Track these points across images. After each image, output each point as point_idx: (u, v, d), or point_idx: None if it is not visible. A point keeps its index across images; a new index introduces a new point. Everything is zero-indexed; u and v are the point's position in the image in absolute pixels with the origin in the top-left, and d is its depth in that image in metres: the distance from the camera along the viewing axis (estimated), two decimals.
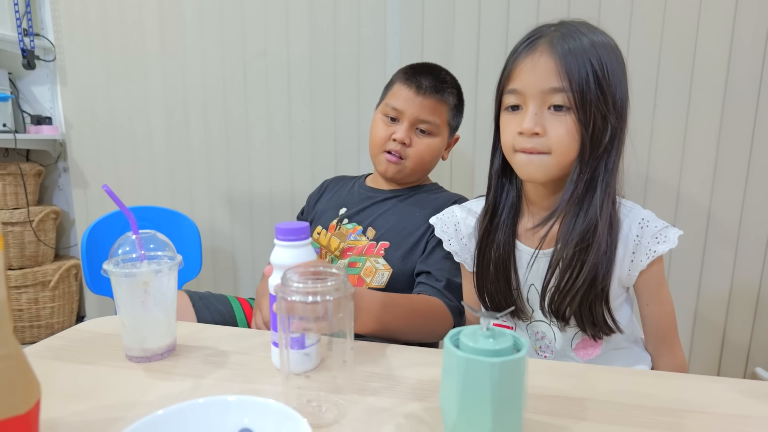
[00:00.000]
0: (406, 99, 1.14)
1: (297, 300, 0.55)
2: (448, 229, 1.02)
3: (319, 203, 1.32)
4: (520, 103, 0.81)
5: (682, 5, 1.57)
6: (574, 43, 0.77)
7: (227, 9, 1.94)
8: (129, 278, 0.70)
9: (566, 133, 0.78)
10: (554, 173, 0.82)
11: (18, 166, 2.13)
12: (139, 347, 0.72)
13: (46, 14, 2.20)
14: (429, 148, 1.16)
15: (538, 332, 0.93)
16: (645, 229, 0.85)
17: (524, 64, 0.81)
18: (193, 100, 2.03)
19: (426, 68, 1.19)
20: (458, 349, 0.53)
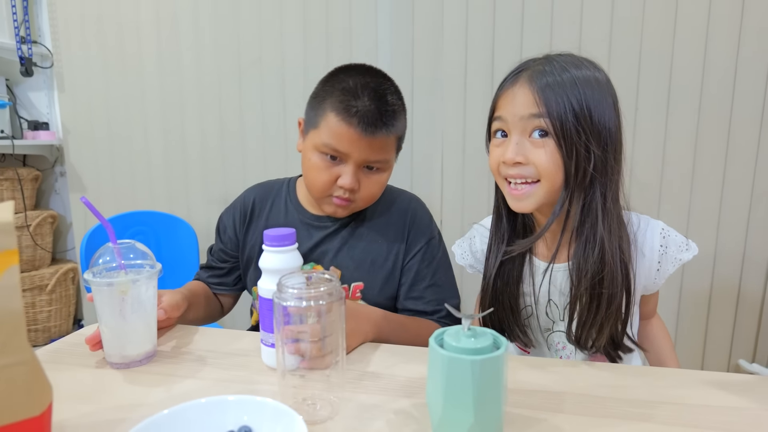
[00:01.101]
0: (349, 141, 0.91)
1: (292, 304, 0.59)
2: (464, 244, 1.05)
3: (249, 235, 1.10)
4: (506, 130, 0.84)
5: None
6: (552, 78, 0.80)
7: (222, 17, 1.97)
8: (107, 287, 0.72)
9: (549, 159, 0.80)
10: (543, 201, 0.83)
11: (15, 171, 2.16)
12: (119, 354, 0.75)
13: (44, 22, 2.23)
14: (379, 185, 0.99)
15: (558, 342, 0.96)
16: (668, 238, 0.89)
17: (506, 94, 0.84)
18: (189, 106, 2.07)
19: (368, 92, 0.92)
20: (442, 348, 0.56)
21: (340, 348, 0.63)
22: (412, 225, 1.07)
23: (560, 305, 0.93)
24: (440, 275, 1.06)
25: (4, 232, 0.45)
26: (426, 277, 1.04)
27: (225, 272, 1.14)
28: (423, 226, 1.08)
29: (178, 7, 2.01)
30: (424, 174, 1.88)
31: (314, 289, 0.59)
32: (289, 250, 0.74)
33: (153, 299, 0.77)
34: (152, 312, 0.78)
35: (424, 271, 1.05)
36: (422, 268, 1.05)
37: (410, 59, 1.82)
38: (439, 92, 1.82)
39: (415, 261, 1.05)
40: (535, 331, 0.97)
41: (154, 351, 0.79)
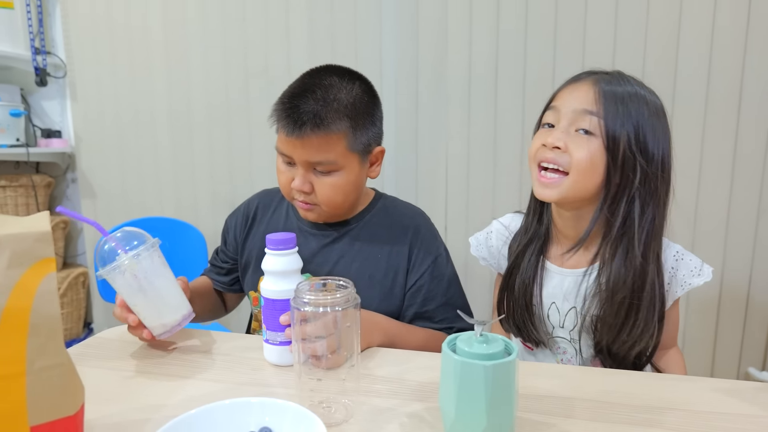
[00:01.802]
0: (288, 142, 0.91)
1: (309, 310, 0.61)
2: (480, 236, 1.08)
3: (249, 239, 1.11)
4: (554, 122, 0.86)
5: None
6: (617, 87, 0.84)
7: (230, 27, 2.01)
8: (116, 271, 0.76)
9: (587, 156, 0.82)
10: (569, 196, 0.85)
11: (30, 177, 2.19)
12: (159, 324, 0.80)
13: (57, 33, 2.27)
14: (335, 188, 0.94)
15: (559, 347, 0.98)
16: (680, 261, 0.91)
17: (567, 88, 0.88)
18: (197, 114, 2.10)
19: (302, 93, 0.92)
20: (455, 353, 0.58)
21: (355, 353, 0.65)
22: (415, 243, 1.03)
23: (562, 311, 0.95)
24: (451, 293, 1.04)
25: (42, 242, 0.47)
26: (436, 296, 1.02)
27: (224, 272, 1.15)
28: (428, 244, 1.04)
29: (187, 19, 2.05)
30: (429, 183, 1.90)
31: (331, 295, 0.62)
32: (290, 253, 0.78)
33: (162, 268, 0.80)
34: (169, 279, 0.81)
35: (435, 290, 1.02)
36: (432, 287, 1.02)
37: (415, 68, 1.85)
38: (444, 101, 1.84)
39: (423, 280, 1.02)
40: (540, 332, 0.99)
41: (190, 312, 0.83)
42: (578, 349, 0.96)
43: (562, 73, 1.73)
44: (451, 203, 1.89)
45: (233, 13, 2.00)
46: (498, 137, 1.81)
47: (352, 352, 0.64)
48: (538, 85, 1.75)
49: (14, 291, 0.45)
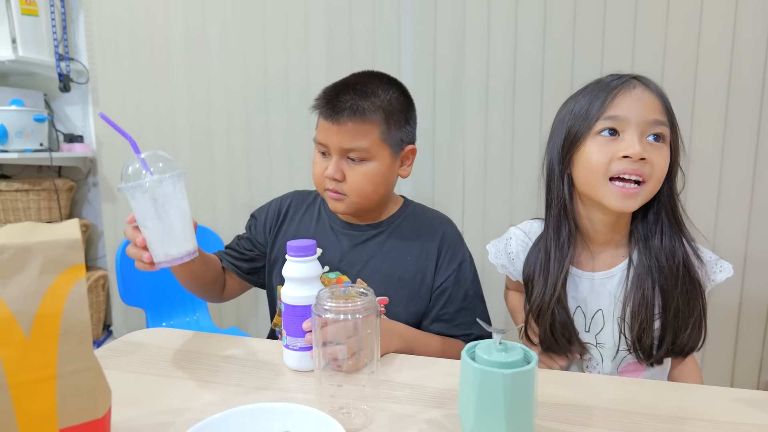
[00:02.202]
0: (325, 130, 0.99)
1: (330, 317, 0.62)
2: (499, 243, 1.08)
3: (280, 236, 1.14)
4: (619, 129, 0.85)
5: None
6: (658, 88, 0.88)
7: (251, 35, 2.03)
8: (138, 191, 0.76)
9: (665, 165, 0.86)
10: (642, 203, 0.87)
11: (53, 182, 2.24)
12: (163, 253, 0.79)
13: (81, 39, 2.32)
14: (366, 177, 0.99)
15: (585, 353, 0.98)
16: (702, 259, 0.92)
17: (626, 95, 0.86)
18: (217, 120, 2.13)
19: (341, 87, 1.01)
20: (474, 361, 0.59)
21: (375, 359, 0.65)
22: (443, 246, 1.07)
23: (588, 314, 0.95)
24: (471, 299, 1.06)
25: (72, 249, 0.48)
26: (457, 299, 1.05)
27: (245, 258, 1.15)
28: (455, 249, 1.08)
29: (207, 26, 2.08)
30: (446, 187, 1.90)
31: (352, 302, 0.62)
32: (310, 260, 0.79)
33: (181, 200, 0.79)
34: (184, 212, 0.80)
35: (456, 294, 1.05)
36: (454, 291, 1.05)
37: (432, 75, 1.85)
38: (461, 108, 1.85)
39: (448, 283, 1.05)
40: (571, 341, 0.99)
41: (195, 250, 0.82)
42: (603, 356, 0.96)
43: (580, 80, 1.69)
44: (468, 210, 1.89)
45: (253, 20, 2.02)
46: (515, 144, 1.81)
47: (372, 359, 0.65)
48: (556, 92, 1.74)
49: (46, 297, 0.47)
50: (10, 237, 0.47)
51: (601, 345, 0.95)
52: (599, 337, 0.95)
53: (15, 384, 0.46)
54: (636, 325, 0.90)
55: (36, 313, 0.46)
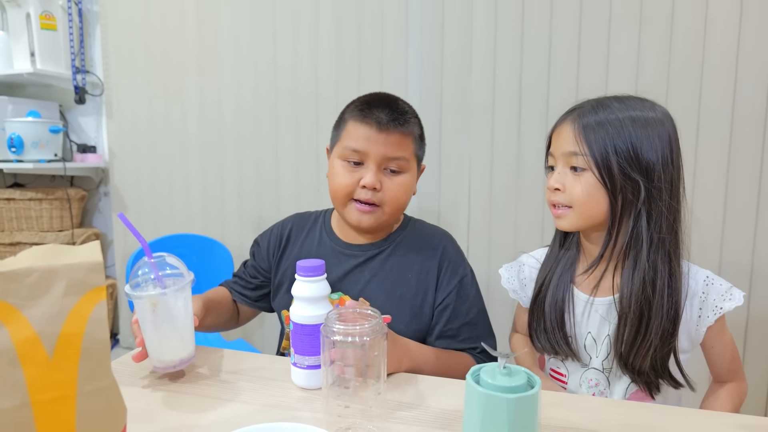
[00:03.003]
0: (367, 138, 0.99)
1: (338, 339, 0.63)
2: (512, 269, 1.12)
3: (283, 261, 1.15)
4: (554, 164, 0.96)
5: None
6: (597, 117, 0.90)
7: (261, 50, 2.07)
8: (139, 300, 0.79)
9: (582, 191, 0.90)
10: (580, 224, 0.93)
11: (66, 191, 2.27)
12: (156, 358, 0.82)
13: (96, 53, 2.37)
14: (403, 188, 1.03)
15: (591, 379, 0.99)
16: (710, 286, 0.93)
17: (556, 132, 0.96)
18: (227, 133, 2.17)
19: (381, 100, 1.04)
20: (479, 385, 0.60)
21: (382, 380, 0.67)
22: (443, 263, 1.08)
23: (598, 339, 0.96)
24: (474, 313, 1.07)
25: (95, 271, 0.51)
26: (460, 315, 1.05)
27: (251, 287, 1.18)
28: (455, 265, 1.09)
29: (219, 43, 2.12)
30: (452, 202, 1.92)
31: (359, 325, 0.64)
32: (319, 280, 0.81)
33: (185, 309, 0.82)
34: (185, 321, 0.83)
35: (459, 309, 1.06)
36: (457, 307, 1.05)
37: (438, 92, 1.88)
38: (467, 126, 1.87)
39: (450, 299, 1.06)
40: (571, 364, 1.00)
41: (190, 357, 0.84)
42: (610, 382, 0.97)
43: (585, 94, 1.73)
44: (474, 225, 1.90)
45: (265, 36, 2.06)
46: (521, 160, 1.83)
47: (379, 379, 0.66)
48: (562, 110, 1.76)
49: (69, 318, 0.49)
50: (36, 260, 0.49)
51: (606, 371, 0.96)
52: (606, 363, 0.96)
53: (37, 402, 0.48)
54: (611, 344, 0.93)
55: (59, 333, 0.48)
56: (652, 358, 0.89)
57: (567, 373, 1.01)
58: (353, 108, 1.04)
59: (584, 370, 0.99)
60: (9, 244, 2.22)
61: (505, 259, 1.91)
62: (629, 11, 1.68)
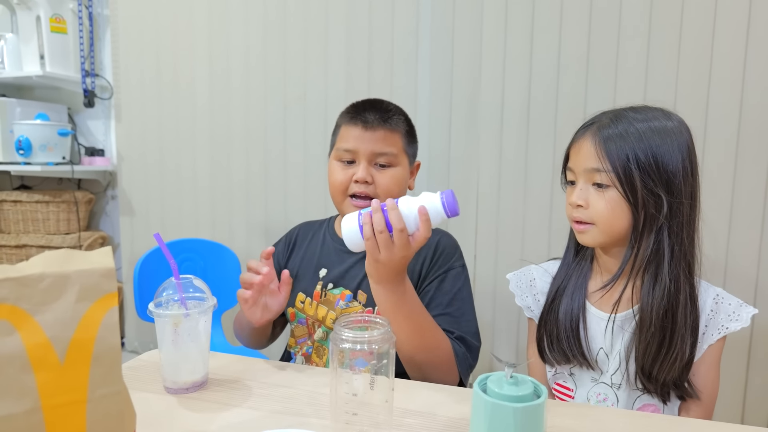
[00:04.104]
0: (355, 138, 1.09)
1: (347, 347, 0.64)
2: (523, 284, 1.09)
3: (290, 262, 1.21)
4: (574, 179, 0.95)
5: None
6: (617, 129, 0.89)
7: (271, 56, 2.09)
8: (161, 318, 0.80)
9: (605, 207, 0.89)
10: (603, 240, 0.92)
11: (73, 194, 2.29)
12: (171, 380, 0.82)
13: (106, 56, 2.39)
14: (394, 179, 1.10)
15: (600, 393, 0.98)
16: (720, 305, 0.92)
17: (575, 147, 0.95)
18: (236, 139, 2.18)
19: (367, 103, 1.14)
20: (485, 393, 0.60)
21: (390, 388, 0.67)
22: (435, 252, 1.10)
23: (611, 354, 0.96)
24: (456, 306, 1.04)
25: (107, 277, 0.51)
26: (440, 304, 1.04)
27: None
28: (445, 256, 1.10)
29: (230, 48, 2.14)
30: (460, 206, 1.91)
31: (369, 333, 0.64)
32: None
33: (204, 333, 0.83)
34: (204, 345, 0.84)
35: (440, 298, 1.05)
36: (437, 296, 1.05)
37: (448, 100, 1.89)
38: (476, 133, 1.87)
39: (431, 287, 1.06)
40: (579, 379, 1.00)
41: (204, 381, 0.85)
42: (618, 396, 0.96)
43: (594, 105, 1.74)
44: (481, 234, 1.91)
45: (275, 41, 2.07)
46: (529, 168, 1.83)
47: (386, 387, 0.67)
48: (570, 118, 1.76)
49: (81, 323, 0.49)
50: (48, 265, 0.49)
51: (615, 386, 0.96)
52: (615, 378, 0.96)
53: (48, 407, 0.48)
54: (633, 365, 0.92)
55: (71, 338, 0.48)
56: (678, 369, 0.89)
57: (574, 387, 1.01)
58: (344, 113, 1.15)
59: (593, 384, 0.98)
60: (15, 247, 2.24)
61: (513, 267, 1.90)
62: (638, 19, 1.68)
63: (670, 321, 0.88)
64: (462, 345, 0.99)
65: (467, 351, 0.99)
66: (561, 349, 0.98)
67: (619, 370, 0.95)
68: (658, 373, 0.90)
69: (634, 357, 0.92)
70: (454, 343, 0.98)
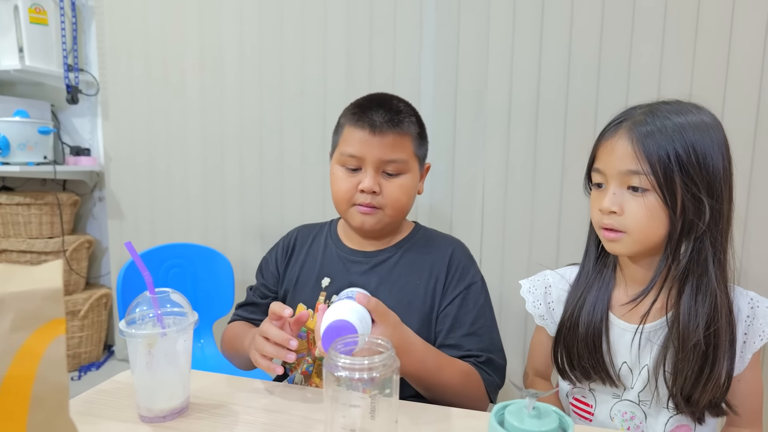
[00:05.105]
0: (361, 142, 0.97)
1: (344, 376, 0.55)
2: (537, 290, 1.00)
3: (289, 268, 1.12)
4: (603, 182, 0.85)
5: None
6: (655, 126, 0.79)
7: (266, 50, 1.99)
8: (133, 339, 0.70)
9: (644, 214, 0.79)
10: (637, 249, 0.83)
11: (56, 196, 2.18)
12: (145, 407, 0.72)
13: (92, 50, 2.29)
14: (403, 189, 1.00)
15: (626, 412, 0.90)
16: (756, 309, 0.84)
17: (605, 146, 0.84)
18: (230, 138, 2.08)
19: (375, 101, 1.03)
20: (503, 427, 0.52)
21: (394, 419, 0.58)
22: (451, 268, 1.03)
23: (634, 368, 0.87)
24: (480, 324, 0.99)
25: (52, 300, 0.42)
26: (464, 324, 0.99)
27: (266, 308, 1.10)
28: (463, 271, 1.03)
29: (223, 41, 2.04)
30: (465, 208, 1.83)
31: (368, 359, 0.55)
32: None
33: (184, 354, 0.74)
34: (183, 367, 0.74)
35: (463, 318, 0.99)
36: (461, 315, 0.99)
37: (453, 96, 1.80)
38: (482, 131, 1.79)
39: (453, 307, 1.00)
40: (600, 395, 0.91)
41: (183, 407, 0.76)
42: (647, 414, 0.88)
43: (606, 102, 1.67)
44: (487, 235, 1.82)
45: (270, 36, 1.98)
46: (537, 167, 1.74)
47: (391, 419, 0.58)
48: (581, 115, 1.68)
49: (16, 358, 0.40)
50: None
51: (644, 403, 0.87)
52: (643, 395, 0.87)
53: None
54: (666, 385, 0.84)
55: (4, 376, 0.39)
56: (720, 388, 0.81)
57: (594, 403, 0.92)
58: (347, 112, 1.04)
59: (616, 401, 0.90)
60: None
61: (520, 270, 1.85)
62: (652, 14, 1.60)
63: (713, 336, 0.79)
64: (489, 368, 0.95)
65: (494, 372, 0.95)
66: (582, 366, 0.90)
67: (648, 387, 0.86)
68: (701, 395, 0.81)
69: (663, 373, 0.84)
70: (481, 370, 0.93)
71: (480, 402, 0.93)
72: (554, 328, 0.96)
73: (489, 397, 0.94)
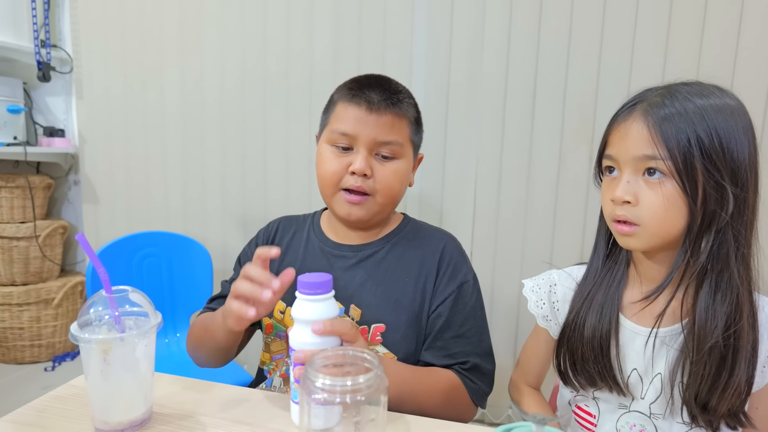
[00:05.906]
0: (356, 120, 0.90)
1: (323, 398, 0.46)
2: (540, 289, 0.93)
3: (270, 262, 1.09)
4: (616, 167, 0.77)
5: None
6: (674, 108, 0.71)
7: (249, 29, 1.89)
8: (86, 344, 0.62)
9: (661, 204, 0.72)
10: (653, 244, 0.76)
11: (27, 178, 2.07)
12: (100, 419, 0.65)
13: (65, 26, 2.16)
14: (396, 175, 0.93)
15: (635, 425, 0.83)
16: None
17: (618, 130, 0.77)
18: (210, 119, 1.98)
19: (373, 80, 0.96)
20: None
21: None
22: (442, 264, 0.96)
23: (645, 377, 0.80)
24: (470, 325, 0.94)
25: None
26: (453, 325, 0.93)
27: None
28: (455, 268, 0.96)
29: (204, 18, 1.93)
30: (456, 200, 1.76)
31: (352, 380, 0.47)
32: (326, 299, 0.66)
33: (145, 360, 0.66)
34: (144, 375, 0.66)
35: (453, 319, 0.93)
36: (451, 316, 0.94)
37: (446, 82, 1.71)
38: (476, 118, 1.71)
39: (444, 307, 0.94)
40: (605, 404, 0.84)
41: (145, 418, 0.67)
42: (657, 427, 0.80)
43: (606, 89, 1.59)
44: (479, 227, 1.75)
45: (253, 14, 1.87)
46: (533, 158, 1.67)
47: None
48: (580, 103, 1.61)
49: None
50: None
51: (655, 416, 0.80)
52: (654, 407, 0.80)
53: None
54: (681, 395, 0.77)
55: None
56: (738, 396, 0.73)
57: (597, 413, 0.85)
58: (342, 88, 0.96)
59: (623, 412, 0.82)
60: None
61: (512, 266, 1.78)
62: None
63: (733, 339, 0.72)
64: (474, 375, 0.89)
65: (480, 379, 0.90)
66: (586, 371, 0.82)
67: (661, 398, 0.79)
68: (719, 403, 0.74)
69: (679, 382, 0.76)
70: (465, 379, 0.88)
71: (466, 413, 0.89)
72: (558, 330, 0.88)
73: (477, 404, 0.90)
